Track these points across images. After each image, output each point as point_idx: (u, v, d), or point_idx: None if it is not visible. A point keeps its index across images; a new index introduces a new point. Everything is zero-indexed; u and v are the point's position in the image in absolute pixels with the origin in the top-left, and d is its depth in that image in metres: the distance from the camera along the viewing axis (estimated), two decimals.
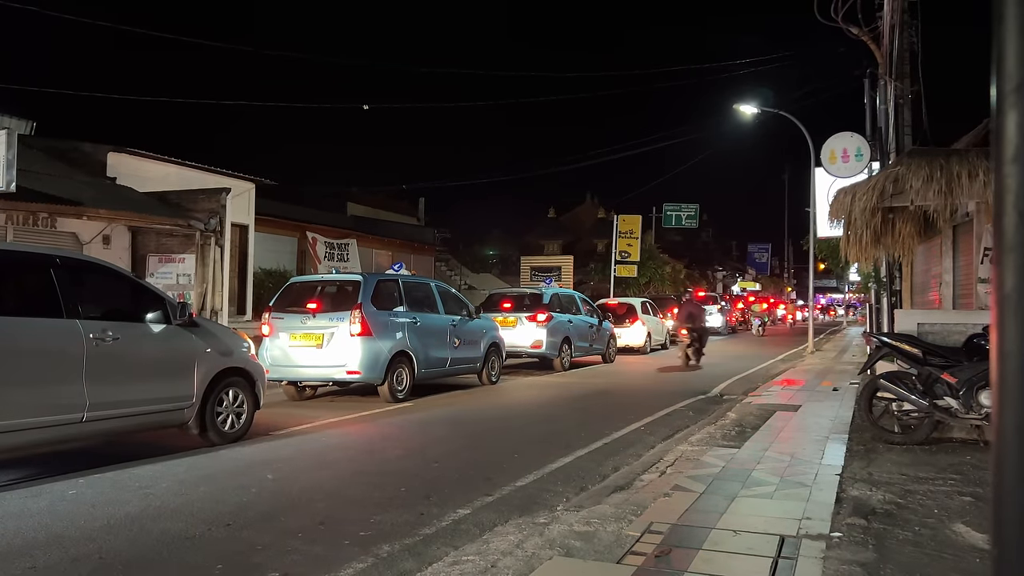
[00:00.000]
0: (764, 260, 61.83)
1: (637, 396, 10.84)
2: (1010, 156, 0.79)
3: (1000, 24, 0.80)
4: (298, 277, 12.65)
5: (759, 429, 7.18)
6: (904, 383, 6.30)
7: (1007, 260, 0.79)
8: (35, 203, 11.62)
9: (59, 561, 3.76)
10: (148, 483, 5.32)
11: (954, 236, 9.89)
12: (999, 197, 0.80)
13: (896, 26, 10.59)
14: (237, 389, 6.93)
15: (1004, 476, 0.80)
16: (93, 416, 5.61)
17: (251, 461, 6.16)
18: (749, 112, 21.82)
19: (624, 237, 32.03)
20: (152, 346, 6.26)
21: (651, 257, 35.92)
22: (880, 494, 4.65)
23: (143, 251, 14.23)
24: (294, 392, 10.17)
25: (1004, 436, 0.79)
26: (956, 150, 7.54)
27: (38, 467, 5.79)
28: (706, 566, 3.34)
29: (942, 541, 3.74)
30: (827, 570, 3.29)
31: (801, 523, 4.00)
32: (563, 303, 15.76)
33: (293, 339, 9.66)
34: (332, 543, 4.04)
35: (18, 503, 4.78)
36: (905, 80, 10.79)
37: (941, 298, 10.50)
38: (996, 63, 0.81)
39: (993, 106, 0.82)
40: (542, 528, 3.99)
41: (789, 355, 19.19)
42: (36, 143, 14.49)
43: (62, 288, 5.61)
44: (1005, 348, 0.79)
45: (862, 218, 6.94)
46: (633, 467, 5.69)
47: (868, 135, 12.37)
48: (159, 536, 4.15)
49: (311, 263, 20.37)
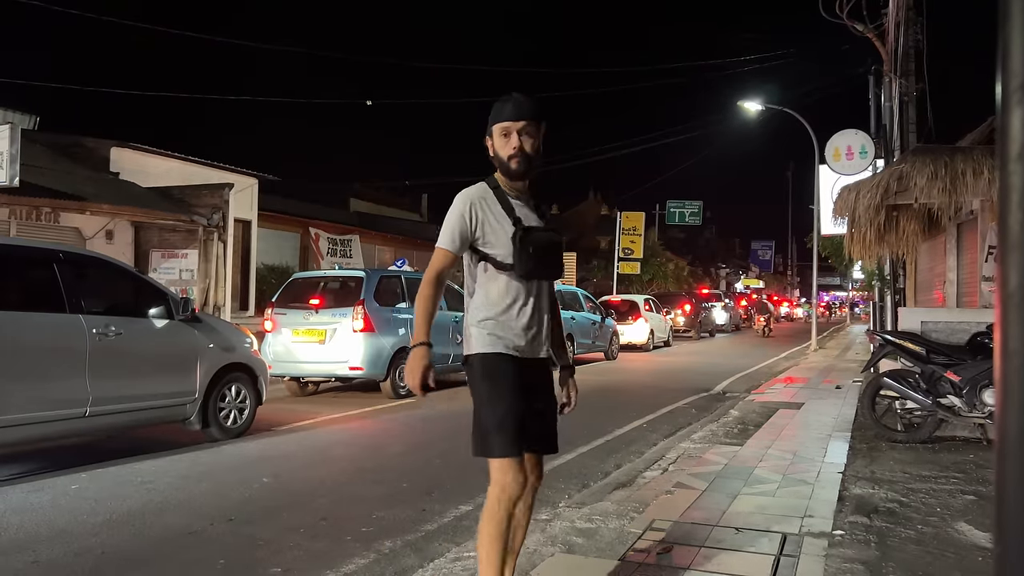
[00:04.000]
0: (768, 257, 61.74)
1: (639, 393, 10.84)
2: (1015, 153, 0.78)
3: (1005, 21, 0.80)
4: (301, 273, 12.67)
5: (761, 427, 7.18)
6: (907, 381, 6.29)
7: (1011, 258, 0.78)
8: (38, 198, 11.63)
9: (62, 555, 3.77)
10: (150, 478, 5.33)
11: (958, 234, 9.86)
12: (1004, 195, 0.80)
13: (901, 23, 10.55)
14: (239, 384, 6.94)
15: (1007, 475, 0.79)
16: (96, 411, 5.62)
17: (253, 457, 6.17)
18: (753, 109, 21.79)
19: (627, 234, 32.00)
20: (155, 341, 6.27)
21: (654, 254, 35.87)
22: (883, 492, 4.64)
23: (146, 246, 14.25)
24: (296, 388, 10.19)
25: (1007, 435, 0.79)
26: (961, 148, 7.52)
27: (41, 462, 5.81)
28: (708, 563, 3.34)
29: (945, 540, 3.73)
30: (829, 568, 3.29)
31: (803, 521, 4.00)
32: (565, 300, 15.76)
33: (296, 335, 9.67)
34: (334, 539, 4.04)
35: (21, 497, 4.80)
36: (910, 77, 10.75)
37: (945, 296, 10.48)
38: (1001, 60, 0.80)
39: (998, 104, 0.82)
40: (544, 525, 4.00)
41: (792, 353, 19.18)
42: (39, 138, 14.50)
43: (65, 283, 5.62)
44: (1009, 346, 0.78)
45: (866, 216, 6.92)
46: (635, 464, 5.70)
47: (873, 132, 12.32)
48: (161, 531, 4.17)
49: (314, 259, 20.37)
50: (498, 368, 2.54)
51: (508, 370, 2.54)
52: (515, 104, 2.54)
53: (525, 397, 2.54)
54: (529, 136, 2.54)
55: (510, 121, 2.52)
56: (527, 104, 2.55)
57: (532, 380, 2.60)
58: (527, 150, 2.53)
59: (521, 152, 2.52)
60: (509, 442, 2.46)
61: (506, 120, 2.53)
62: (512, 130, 2.52)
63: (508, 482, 2.47)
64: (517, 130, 2.52)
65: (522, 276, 2.55)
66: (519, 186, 2.62)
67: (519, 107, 2.53)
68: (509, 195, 2.59)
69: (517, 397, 2.51)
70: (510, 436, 2.46)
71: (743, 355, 18.46)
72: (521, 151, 2.52)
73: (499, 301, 2.57)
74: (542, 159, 2.62)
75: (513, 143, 2.52)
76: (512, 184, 2.61)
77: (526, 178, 2.60)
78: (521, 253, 2.52)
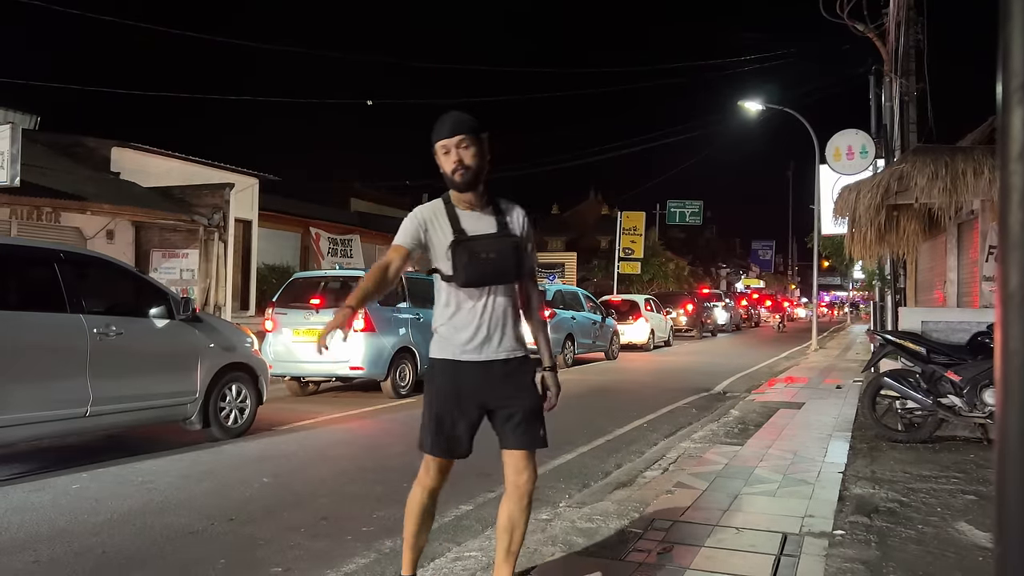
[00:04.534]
0: (768, 257, 61.71)
1: (640, 393, 10.84)
2: (1015, 153, 0.78)
3: (1006, 21, 0.80)
4: (302, 273, 12.67)
5: (762, 426, 7.18)
6: (908, 381, 6.29)
7: (1012, 258, 0.78)
8: (39, 198, 11.63)
9: (63, 555, 3.77)
10: (151, 478, 5.33)
11: (959, 234, 9.86)
12: (1004, 195, 0.80)
13: (902, 23, 10.54)
14: (240, 384, 6.94)
15: (1008, 474, 0.79)
16: (96, 411, 5.63)
17: (254, 456, 6.18)
18: (754, 109, 21.78)
19: (628, 234, 32.00)
20: (155, 341, 6.27)
21: (655, 254, 35.86)
22: (883, 492, 4.64)
23: (147, 246, 14.25)
24: (297, 387, 10.20)
25: (1008, 434, 0.79)
26: (961, 147, 7.52)
27: (41, 461, 5.81)
28: (708, 563, 3.34)
29: (945, 539, 3.73)
30: (829, 568, 3.29)
31: (804, 521, 4.00)
32: (566, 300, 15.76)
33: (296, 335, 9.67)
34: (335, 538, 4.05)
35: (21, 497, 4.80)
36: (911, 77, 10.74)
37: (945, 296, 10.47)
38: (1001, 60, 0.80)
39: (998, 103, 0.82)
40: (544, 524, 4.00)
41: (792, 352, 19.17)
42: (40, 138, 14.49)
43: (66, 283, 5.62)
44: (1009, 346, 0.78)
45: (866, 215, 6.92)
46: (636, 464, 5.70)
47: (873, 132, 12.31)
48: (162, 531, 4.17)
49: (314, 259, 20.37)
50: (438, 374, 2.77)
51: (447, 377, 2.74)
52: (451, 122, 2.68)
53: (461, 403, 2.72)
54: (467, 150, 2.66)
55: (447, 139, 2.66)
56: (462, 121, 2.69)
57: (491, 382, 2.72)
58: (467, 163, 2.64)
59: (462, 165, 2.64)
60: (433, 443, 2.74)
61: (443, 138, 2.68)
62: (451, 147, 2.66)
63: (425, 475, 2.81)
64: (455, 145, 2.64)
65: (461, 285, 2.69)
66: (470, 199, 2.74)
67: (455, 124, 2.67)
68: (460, 208, 2.75)
69: (448, 403, 2.73)
70: (434, 437, 2.73)
71: (743, 355, 18.45)
72: (462, 164, 2.64)
73: (444, 310, 2.77)
74: (488, 169, 2.73)
75: (453, 158, 2.66)
76: (463, 197, 2.74)
77: (472, 189, 2.71)
78: (455, 263, 2.67)
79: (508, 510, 2.78)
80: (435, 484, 2.81)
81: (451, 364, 2.73)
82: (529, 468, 2.76)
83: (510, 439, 2.73)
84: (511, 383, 2.75)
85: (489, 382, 2.72)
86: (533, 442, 2.75)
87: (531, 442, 2.74)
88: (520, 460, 2.74)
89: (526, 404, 2.74)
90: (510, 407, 2.72)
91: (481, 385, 2.72)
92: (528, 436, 2.73)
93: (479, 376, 2.71)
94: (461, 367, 2.72)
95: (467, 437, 2.74)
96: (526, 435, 2.73)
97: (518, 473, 2.74)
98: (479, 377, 2.71)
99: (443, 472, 2.80)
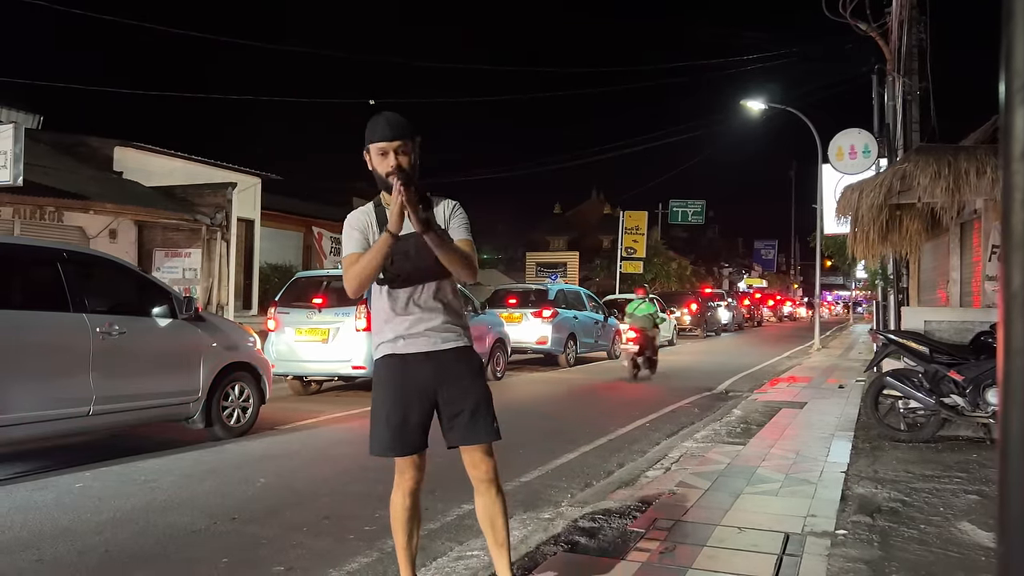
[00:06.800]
0: (771, 257, 61.63)
1: (642, 392, 10.84)
2: (1018, 153, 0.78)
3: (1009, 21, 0.80)
4: (304, 272, 12.67)
5: (764, 426, 7.18)
6: (910, 381, 6.28)
7: (1015, 257, 0.78)
8: (42, 197, 11.65)
9: (66, 554, 3.78)
10: (154, 477, 5.34)
11: (962, 234, 9.85)
12: (1007, 194, 0.80)
13: (905, 22, 10.52)
14: (243, 383, 6.95)
15: (1010, 474, 0.79)
16: (99, 410, 5.64)
17: (256, 455, 6.18)
18: (756, 108, 21.76)
19: (630, 233, 32.00)
20: (158, 340, 6.28)
21: (657, 253, 35.86)
22: (885, 492, 4.64)
23: (149, 245, 14.27)
24: (299, 387, 10.21)
25: (1010, 434, 0.79)
26: (964, 147, 7.51)
27: (44, 460, 5.82)
28: (710, 563, 3.34)
29: (948, 539, 3.73)
30: (832, 568, 3.29)
31: (806, 520, 4.00)
32: (568, 299, 15.76)
33: (299, 334, 9.68)
34: (337, 537, 4.05)
35: (25, 496, 4.81)
36: (913, 76, 10.72)
37: (948, 296, 10.47)
38: (1004, 60, 0.80)
39: (1001, 103, 0.81)
40: (547, 524, 4.00)
41: (795, 352, 19.15)
42: (43, 137, 14.52)
43: (69, 282, 5.63)
44: (1012, 345, 0.78)
45: (869, 215, 6.91)
46: (638, 463, 5.70)
47: (876, 132, 12.30)
48: (165, 529, 4.17)
49: (317, 258, 20.39)
50: (382, 375, 2.79)
51: (391, 376, 2.75)
52: (389, 124, 2.68)
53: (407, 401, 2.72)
54: (404, 154, 2.67)
55: (385, 142, 2.66)
56: (401, 124, 2.69)
57: (437, 373, 2.72)
58: (404, 167, 2.64)
59: (399, 169, 2.62)
60: (380, 443, 2.75)
61: (380, 141, 2.67)
62: (388, 150, 2.66)
63: (399, 476, 2.82)
64: (393, 149, 2.65)
65: (388, 284, 2.72)
66: None
67: (393, 127, 2.67)
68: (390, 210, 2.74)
69: (396, 403, 2.72)
70: (388, 437, 2.73)
71: (746, 354, 18.43)
72: (399, 168, 2.63)
73: (379, 311, 2.80)
74: (419, 172, 2.74)
75: (390, 161, 2.66)
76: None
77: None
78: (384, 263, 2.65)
79: (481, 504, 2.82)
80: (411, 484, 2.82)
81: (396, 359, 2.74)
82: (486, 460, 2.77)
83: (461, 435, 2.73)
84: (455, 375, 2.75)
85: (435, 373, 2.72)
86: (487, 435, 2.76)
87: (484, 435, 2.76)
88: (474, 454, 2.76)
89: (471, 396, 2.76)
90: (458, 401, 2.73)
91: (427, 377, 2.72)
92: (478, 429, 2.75)
93: (422, 368, 2.72)
94: (405, 360, 2.73)
95: (420, 431, 2.74)
96: (477, 428, 2.74)
97: (475, 467, 2.77)
98: (422, 369, 2.72)
99: (417, 468, 2.80)
